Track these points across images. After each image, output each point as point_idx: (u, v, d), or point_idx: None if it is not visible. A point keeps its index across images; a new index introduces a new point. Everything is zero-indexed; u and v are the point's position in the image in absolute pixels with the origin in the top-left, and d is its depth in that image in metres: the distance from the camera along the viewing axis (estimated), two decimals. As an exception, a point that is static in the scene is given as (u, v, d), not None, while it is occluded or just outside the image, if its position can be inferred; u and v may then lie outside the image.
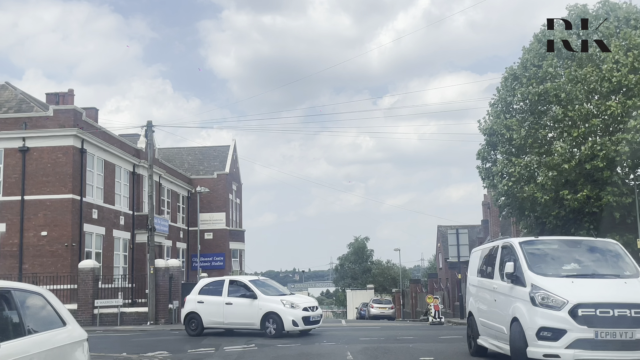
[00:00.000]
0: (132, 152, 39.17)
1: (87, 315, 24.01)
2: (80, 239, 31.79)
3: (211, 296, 17.54)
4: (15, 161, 31.44)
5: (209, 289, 17.95)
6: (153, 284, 23.76)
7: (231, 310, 17.37)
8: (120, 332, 19.43)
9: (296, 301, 17.81)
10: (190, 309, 17.58)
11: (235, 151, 56.71)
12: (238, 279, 18.01)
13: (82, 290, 23.84)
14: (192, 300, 17.71)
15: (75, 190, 31.64)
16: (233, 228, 53.87)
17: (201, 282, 18.02)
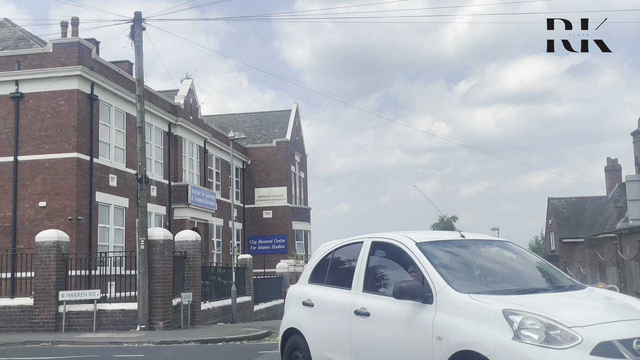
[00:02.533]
0: (166, 108, 31.61)
1: (47, 315, 15.85)
2: (91, 211, 24.41)
3: (334, 288, 6.62)
4: (6, 111, 24.32)
5: (335, 266, 6.93)
6: (145, 266, 14.88)
7: (365, 334, 5.91)
8: (85, 348, 11.61)
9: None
10: (290, 321, 7.20)
11: (297, 116, 48.62)
12: (399, 243, 5.88)
13: (41, 277, 15.74)
14: (294, 299, 7.29)
15: (82, 148, 24.21)
16: (296, 205, 45.87)
17: (321, 249, 7.39)
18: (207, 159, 37.09)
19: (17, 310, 15.32)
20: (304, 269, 7.33)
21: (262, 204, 43.97)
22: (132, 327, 14.95)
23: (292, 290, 7.41)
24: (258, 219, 43.84)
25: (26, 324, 15.23)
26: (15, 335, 14.32)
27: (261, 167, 44.25)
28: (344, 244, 6.57)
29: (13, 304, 15.39)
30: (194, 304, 16.97)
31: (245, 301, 23.59)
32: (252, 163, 44.36)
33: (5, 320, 15.30)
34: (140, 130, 14.50)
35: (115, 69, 27.03)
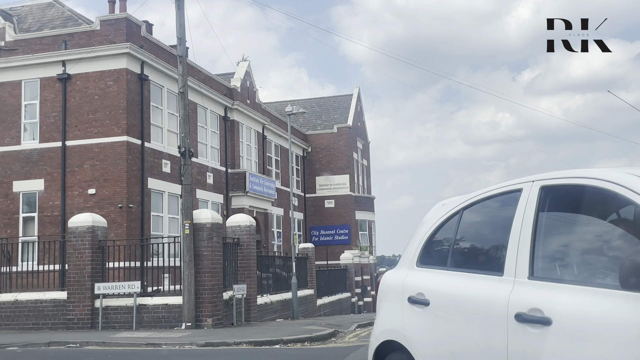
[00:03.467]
0: (222, 91, 29.90)
1: (82, 311, 13.64)
2: (143, 199, 22.88)
3: (466, 274, 3.67)
4: (54, 94, 23.02)
5: (467, 237, 4.01)
6: (190, 253, 12.69)
7: (544, 357, 2.99)
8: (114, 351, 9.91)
9: None
10: (387, 330, 4.27)
11: (359, 101, 46.34)
12: (609, 184, 2.99)
13: (75, 267, 13.61)
14: (393, 293, 4.32)
15: (133, 131, 22.68)
16: (359, 194, 43.62)
17: (438, 211, 4.33)
18: (266, 145, 35.28)
19: (50, 305, 13.68)
20: (408, 245, 4.36)
21: (323, 193, 41.94)
22: (177, 324, 12.99)
23: (388, 280, 4.52)
24: (319, 209, 41.84)
25: (60, 320, 13.56)
26: (45, 333, 12.69)
27: (322, 155, 42.22)
28: (484, 197, 3.82)
29: (45, 298, 13.76)
30: (249, 297, 14.88)
31: (308, 295, 21.56)
32: (313, 150, 42.38)
33: (37, 316, 13.68)
34: (182, 96, 12.60)
35: (166, 48, 25.42)
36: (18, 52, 23.14)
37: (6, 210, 22.86)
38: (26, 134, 23.18)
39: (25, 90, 23.15)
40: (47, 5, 26.20)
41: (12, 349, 10.68)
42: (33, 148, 22.92)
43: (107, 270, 13.95)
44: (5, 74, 23.26)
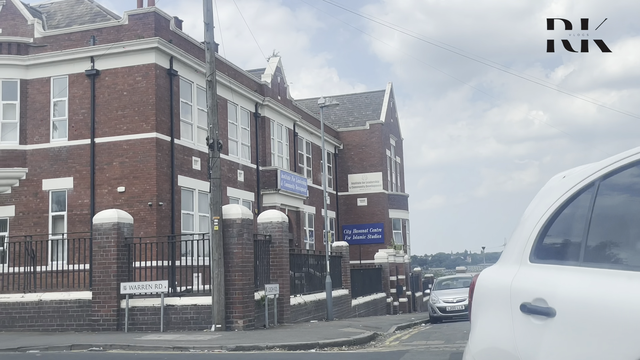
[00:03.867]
0: (252, 87, 29.31)
1: (107, 312, 13.01)
2: (173, 196, 22.39)
3: (616, 272, 2.37)
4: (82, 90, 22.66)
5: (609, 218, 2.66)
6: (219, 251, 11.90)
7: None
8: (137, 355, 9.23)
9: None
10: (491, 348, 3.03)
11: (392, 97, 45.42)
12: None
13: (99, 266, 12.94)
14: (498, 297, 3.10)
15: (162, 128, 22.20)
16: (393, 192, 42.69)
17: (558, 185, 3.11)
18: (297, 142, 34.61)
19: (75, 305, 13.12)
20: (516, 232, 3.21)
21: (355, 191, 41.12)
22: (206, 326, 12.29)
23: (488, 280, 3.37)
24: (352, 207, 41.04)
25: (85, 321, 12.96)
26: (68, 335, 12.13)
27: (354, 152, 41.41)
28: (628, 163, 2.58)
29: (70, 298, 13.21)
30: (282, 298, 14.13)
31: (342, 295, 20.81)
32: (345, 148, 41.60)
33: (61, 317, 13.12)
34: (210, 85, 11.94)
35: (196, 43, 24.90)
36: (47, 49, 22.86)
37: (36, 209, 22.58)
38: (55, 132, 22.88)
39: (54, 87, 22.85)
40: (76, 1, 25.92)
41: (32, 352, 10.16)
42: (62, 146, 22.60)
43: (134, 269, 13.37)
44: (34, 71, 22.99)
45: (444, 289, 22.67)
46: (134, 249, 13.15)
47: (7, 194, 22.86)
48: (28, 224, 22.20)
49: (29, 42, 23.00)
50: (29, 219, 22.48)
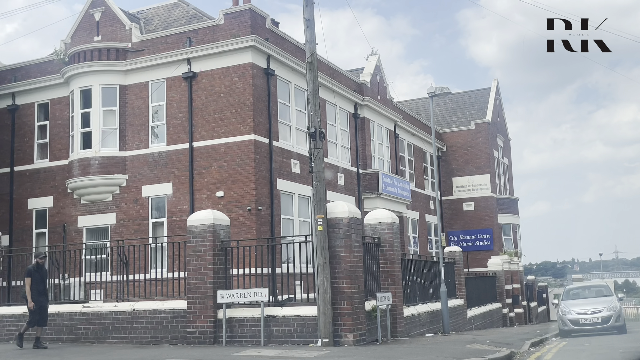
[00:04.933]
0: (351, 87, 28.03)
1: (203, 323, 11.77)
2: (272, 201, 21.40)
3: None
4: (180, 94, 22.14)
5: None
6: (324, 254, 10.48)
7: None
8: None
9: None
10: None
11: (498, 94, 42.84)
12: None
13: (195, 272, 11.76)
14: None
15: (260, 130, 21.29)
16: (501, 195, 40.09)
17: None
18: (398, 144, 32.96)
19: (169, 315, 12.10)
20: None
21: (461, 195, 38.89)
22: (311, 340, 10.87)
23: None
24: (458, 212, 38.82)
25: (180, 333, 11.88)
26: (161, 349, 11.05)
27: (459, 154, 39.21)
28: None
29: (164, 308, 12.21)
30: (394, 308, 12.52)
31: (457, 305, 18.94)
32: (448, 149, 39.50)
33: (155, 328, 12.13)
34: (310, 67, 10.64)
35: (293, 41, 23.90)
36: (144, 53, 22.55)
37: (136, 215, 22.24)
38: (154, 137, 22.48)
39: (152, 92, 22.48)
40: (173, 5, 25.62)
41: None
42: (161, 151, 22.15)
43: (232, 276, 12.24)
44: (132, 76, 22.73)
45: (574, 299, 20.22)
46: (230, 253, 12.02)
47: (108, 202, 22.67)
48: (129, 232, 21.87)
49: (126, 47, 22.78)
50: (130, 227, 22.16)
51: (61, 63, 23.57)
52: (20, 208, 24.28)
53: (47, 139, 24.29)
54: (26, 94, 24.69)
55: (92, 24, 23.76)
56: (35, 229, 24.00)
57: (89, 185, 22.50)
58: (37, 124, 24.55)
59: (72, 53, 22.95)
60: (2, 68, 25.54)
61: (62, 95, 23.98)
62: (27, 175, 24.38)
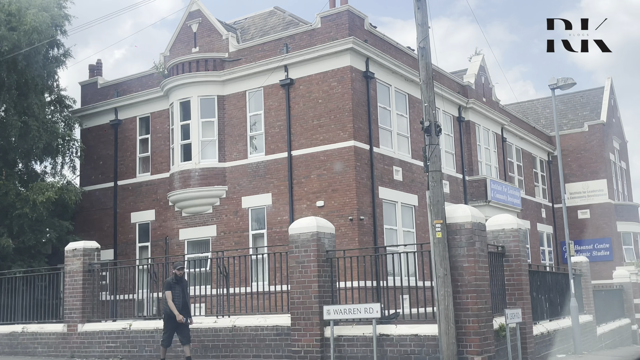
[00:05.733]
0: (454, 89, 26.57)
1: (309, 341, 10.71)
2: (374, 210, 20.33)
3: None
4: (277, 102, 21.56)
5: None
6: (444, 265, 9.26)
7: None
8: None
9: None
10: None
11: (612, 93, 39.80)
12: None
13: (298, 284, 10.79)
14: None
15: (360, 136, 20.33)
16: (619, 202, 37.01)
17: None
18: (506, 148, 31.01)
19: (272, 332, 11.17)
20: None
21: (575, 202, 36.17)
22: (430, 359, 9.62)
23: None
24: (571, 220, 36.05)
25: (284, 352, 10.87)
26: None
27: (571, 158, 36.56)
28: None
29: (266, 324, 11.30)
30: (524, 326, 10.98)
31: (586, 322, 16.99)
32: (559, 154, 36.86)
33: (257, 346, 11.17)
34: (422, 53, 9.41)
35: (392, 42, 22.83)
36: (241, 62, 22.17)
37: (236, 227, 21.78)
38: (252, 147, 22.00)
39: (249, 101, 22.04)
40: (269, 14, 25.24)
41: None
42: (260, 161, 21.62)
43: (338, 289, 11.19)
44: (230, 86, 22.40)
45: None
46: (337, 264, 10.99)
47: (209, 214, 22.36)
48: (229, 244, 21.42)
49: (224, 57, 22.50)
50: (230, 239, 21.72)
51: (161, 76, 23.64)
52: (124, 222, 24.49)
53: (149, 153, 24.41)
54: (128, 108, 24.97)
55: (189, 36, 23.70)
56: (139, 243, 24.10)
57: (190, 198, 22.29)
58: (138, 138, 24.74)
59: (171, 65, 22.94)
60: (104, 84, 26.01)
61: (162, 108, 24.04)
62: (130, 189, 24.58)
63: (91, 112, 25.88)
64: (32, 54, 21.76)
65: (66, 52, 24.49)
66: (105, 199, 25.07)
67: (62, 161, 24.76)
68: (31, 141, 22.46)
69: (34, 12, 20.96)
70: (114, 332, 13.05)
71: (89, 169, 25.79)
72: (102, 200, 25.10)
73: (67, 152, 24.65)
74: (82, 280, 13.65)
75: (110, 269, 16.32)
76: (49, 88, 24.27)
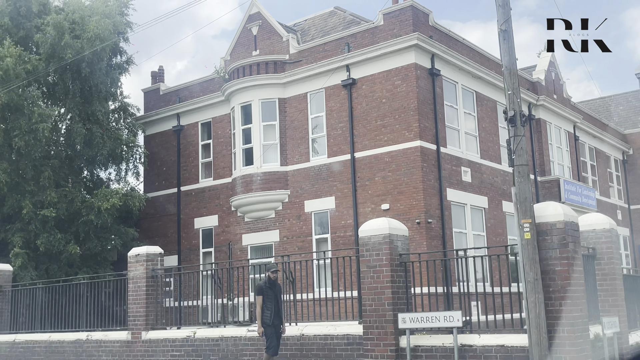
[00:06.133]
0: (523, 85, 25.35)
1: (383, 351, 9.92)
2: (442, 213, 19.48)
3: None
4: (339, 103, 21.00)
5: None
6: (534, 269, 8.29)
7: None
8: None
9: None
10: None
11: (692, 87, 37.47)
12: None
13: (369, 291, 10.02)
14: None
15: (426, 135, 19.54)
16: None
17: None
18: (579, 147, 29.50)
19: (342, 342, 10.45)
20: None
21: (654, 203, 34.19)
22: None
23: None
24: (651, 222, 34.16)
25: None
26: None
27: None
28: None
29: (336, 333, 10.60)
30: (620, 336, 10.03)
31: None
32: (635, 152, 35.03)
33: (327, 357, 10.40)
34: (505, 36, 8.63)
35: (458, 38, 21.95)
36: (302, 64, 21.72)
37: (299, 232, 21.29)
38: (314, 150, 21.49)
39: (310, 103, 21.56)
40: (329, 14, 24.74)
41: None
42: (322, 164, 21.09)
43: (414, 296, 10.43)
44: (290, 88, 21.98)
45: None
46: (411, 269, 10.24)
47: (271, 218, 21.96)
48: (292, 249, 20.93)
49: (284, 59, 22.11)
50: (293, 244, 21.24)
51: (222, 80, 23.45)
52: (188, 227, 24.37)
53: (211, 158, 24.23)
54: (189, 114, 24.89)
55: (249, 39, 23.42)
56: (202, 249, 23.92)
57: (252, 202, 21.95)
58: (200, 143, 24.61)
59: (232, 69, 22.71)
60: (166, 90, 26.05)
61: (223, 113, 23.83)
62: (193, 195, 24.45)
63: (154, 119, 25.94)
64: (95, 61, 21.91)
65: (129, 59, 24.64)
66: (169, 205, 25.04)
67: (126, 168, 24.88)
68: (95, 148, 22.60)
69: (96, 19, 21.09)
70: (178, 340, 12.68)
71: (152, 175, 25.84)
72: (166, 207, 25.08)
73: (131, 159, 24.73)
74: (145, 286, 13.35)
75: (174, 275, 16.04)
76: (112, 95, 24.44)
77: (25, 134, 20.50)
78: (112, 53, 23.70)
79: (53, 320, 15.65)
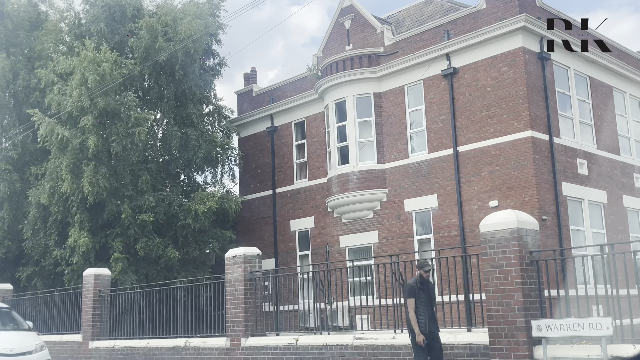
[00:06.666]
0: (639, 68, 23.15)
1: None
2: (558, 208, 17.84)
3: None
4: (439, 95, 19.75)
5: None
6: None
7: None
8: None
9: None
10: None
11: None
12: None
13: (495, 294, 8.52)
14: None
15: (537, 125, 17.96)
16: None
17: None
18: None
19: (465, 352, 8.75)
20: None
21: None
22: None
23: None
24: None
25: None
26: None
27: None
28: None
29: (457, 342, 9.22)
30: None
31: None
32: None
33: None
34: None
35: (568, 19, 20.15)
36: (398, 55, 20.63)
37: (400, 232, 20.18)
38: (413, 145, 20.33)
39: (408, 96, 20.43)
40: (424, 3, 23.48)
41: None
42: (422, 160, 19.89)
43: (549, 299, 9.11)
44: (386, 82, 20.94)
45: None
46: (546, 268, 8.91)
47: (369, 219, 20.97)
48: (393, 250, 19.82)
49: (379, 51, 21.09)
50: (394, 245, 20.15)
51: (314, 78, 22.73)
52: (284, 230, 23.79)
53: (305, 158, 23.55)
54: (283, 114, 24.33)
55: (342, 33, 22.58)
56: (299, 251, 23.25)
57: (349, 202, 21.04)
58: (294, 144, 23.99)
59: (324, 66, 21.93)
60: (259, 91, 25.64)
61: (317, 111, 23.11)
62: (289, 196, 23.85)
63: (247, 121, 25.59)
64: (188, 64, 21.74)
65: (221, 61, 24.41)
66: (265, 207, 24.57)
67: (222, 170, 24.65)
68: (191, 151, 22.43)
69: (188, 20, 20.90)
70: (279, 347, 11.88)
71: (247, 177, 25.49)
72: (262, 209, 24.63)
73: (226, 161, 24.47)
74: (243, 289, 12.68)
75: (272, 277, 15.32)
76: (206, 98, 24.27)
77: (123, 138, 20.53)
78: (205, 56, 23.52)
79: (151, 325, 15.32)
